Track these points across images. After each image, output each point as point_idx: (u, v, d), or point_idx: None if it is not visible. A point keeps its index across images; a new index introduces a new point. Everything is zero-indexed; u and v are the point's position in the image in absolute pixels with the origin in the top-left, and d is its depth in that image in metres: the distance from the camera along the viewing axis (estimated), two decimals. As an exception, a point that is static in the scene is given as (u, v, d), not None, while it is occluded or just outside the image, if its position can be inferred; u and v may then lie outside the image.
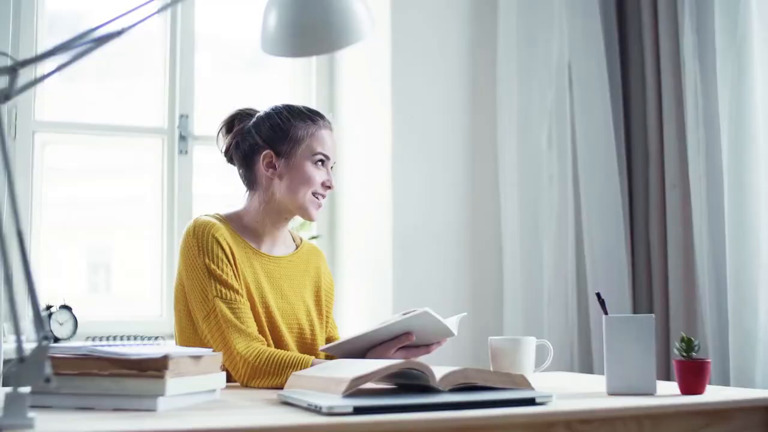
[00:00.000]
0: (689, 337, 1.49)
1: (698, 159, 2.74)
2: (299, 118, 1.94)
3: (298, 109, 1.96)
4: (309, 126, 1.93)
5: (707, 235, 2.69)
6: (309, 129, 1.92)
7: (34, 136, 2.96)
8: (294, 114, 1.94)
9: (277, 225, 1.95)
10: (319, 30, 1.40)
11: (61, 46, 1.14)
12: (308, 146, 1.91)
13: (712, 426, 1.41)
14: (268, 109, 1.96)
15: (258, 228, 1.93)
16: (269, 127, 1.93)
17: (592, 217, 2.99)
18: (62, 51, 1.14)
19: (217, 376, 1.47)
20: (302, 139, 1.91)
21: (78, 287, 3.20)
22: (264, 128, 1.93)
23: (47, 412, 1.26)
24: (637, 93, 3.10)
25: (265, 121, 1.94)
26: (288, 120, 1.92)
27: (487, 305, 3.10)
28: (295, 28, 1.41)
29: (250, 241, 1.92)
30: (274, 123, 1.93)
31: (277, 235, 1.97)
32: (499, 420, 1.26)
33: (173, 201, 3.11)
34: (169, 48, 3.17)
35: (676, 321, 2.81)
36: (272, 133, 1.92)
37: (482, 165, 3.18)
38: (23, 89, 1.13)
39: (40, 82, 1.10)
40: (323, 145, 1.93)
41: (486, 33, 3.21)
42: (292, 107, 1.96)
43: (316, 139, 1.92)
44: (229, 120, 2.00)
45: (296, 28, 1.40)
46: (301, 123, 1.93)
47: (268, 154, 1.91)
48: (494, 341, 1.73)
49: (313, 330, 1.96)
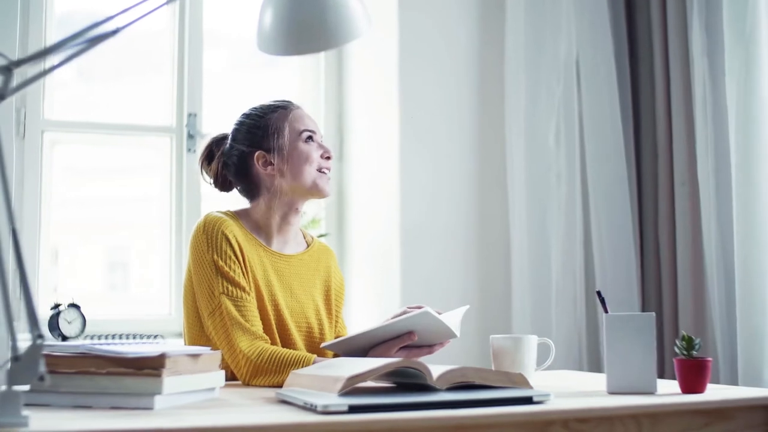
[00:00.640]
0: (689, 336, 1.48)
1: (707, 156, 2.72)
2: (269, 111, 1.96)
3: (264, 104, 1.99)
4: (281, 113, 1.95)
5: (716, 232, 2.68)
6: (283, 114, 1.95)
7: (43, 135, 2.98)
8: (264, 110, 1.97)
9: (287, 219, 1.94)
10: (316, 28, 1.40)
11: (56, 45, 1.15)
12: (291, 129, 1.93)
13: (712, 425, 1.40)
14: (237, 120, 1.99)
15: (268, 225, 1.94)
16: (246, 131, 1.95)
17: (601, 215, 2.98)
18: (56, 50, 1.14)
19: (216, 374, 1.47)
20: (282, 126, 1.93)
21: (87, 285, 3.22)
22: (242, 136, 1.95)
23: (44, 410, 1.27)
24: (645, 90, 3.08)
25: (240, 129, 1.96)
26: (260, 117, 1.95)
27: (495, 302, 3.10)
28: (291, 27, 1.41)
29: (261, 238, 1.93)
30: (250, 126, 1.95)
31: (288, 233, 1.97)
32: (495, 419, 1.26)
33: (181, 200, 3.12)
34: (177, 46, 3.18)
35: (685, 318, 2.79)
36: (252, 135, 1.93)
37: (490, 162, 3.17)
38: (18, 89, 1.13)
39: (31, 82, 1.10)
40: (303, 122, 1.95)
41: (493, 29, 3.20)
42: (257, 106, 1.99)
43: (294, 119, 1.95)
44: (206, 152, 2.02)
45: (292, 26, 1.40)
46: (273, 114, 1.95)
47: (260, 155, 1.92)
48: (496, 339, 1.73)
49: (322, 329, 1.96)
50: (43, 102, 2.98)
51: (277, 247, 1.94)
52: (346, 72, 3.39)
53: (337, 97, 3.39)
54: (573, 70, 3.04)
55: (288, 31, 1.42)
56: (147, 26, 3.35)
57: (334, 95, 3.39)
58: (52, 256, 3.08)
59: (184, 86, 3.16)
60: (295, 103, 2.01)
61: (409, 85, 3.11)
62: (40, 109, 2.97)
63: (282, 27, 1.42)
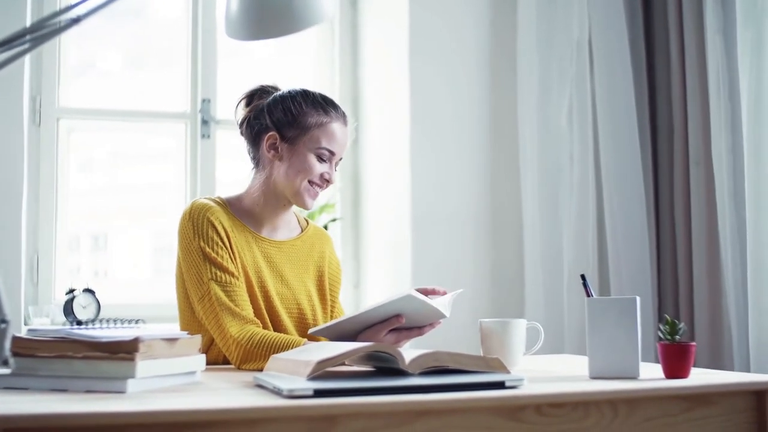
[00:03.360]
0: (673, 320, 1.45)
1: (721, 135, 2.67)
2: (313, 105, 1.90)
3: (314, 96, 1.92)
4: (321, 116, 1.89)
5: (730, 213, 2.63)
6: (320, 119, 1.89)
7: (58, 122, 3.02)
8: (308, 101, 1.90)
9: (276, 209, 1.93)
10: (282, 12, 1.39)
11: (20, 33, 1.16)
12: (314, 137, 1.87)
13: (692, 410, 1.37)
14: (285, 92, 1.93)
15: (258, 211, 1.93)
16: (282, 109, 1.90)
17: (614, 196, 2.94)
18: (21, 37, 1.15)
19: (195, 358, 1.48)
20: (310, 128, 1.88)
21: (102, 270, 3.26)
22: (276, 110, 1.90)
23: (21, 393, 1.29)
24: (661, 70, 3.03)
25: (279, 103, 1.91)
26: (301, 106, 1.89)
27: (508, 286, 3.08)
28: (256, 12, 1.40)
29: (250, 224, 1.92)
30: (286, 106, 1.90)
31: (278, 219, 1.96)
32: (463, 404, 1.24)
33: (196, 185, 3.14)
34: (191, 32, 3.20)
35: (701, 301, 2.75)
36: (283, 116, 1.89)
37: (502, 144, 3.15)
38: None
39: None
40: (330, 140, 1.88)
41: (506, 10, 3.17)
42: (308, 93, 1.92)
43: (325, 132, 1.88)
44: (249, 93, 1.98)
45: (258, 11, 1.40)
46: (313, 111, 1.89)
47: (272, 136, 1.89)
48: (484, 323, 1.71)
49: (315, 314, 1.96)
50: (59, 90, 3.02)
51: (267, 233, 1.94)
52: (360, 55, 3.38)
53: (352, 82, 3.39)
54: (586, 50, 3.00)
55: (254, 15, 1.41)
56: (162, 13, 3.37)
57: (349, 81, 3.38)
58: (73, 242, 3.13)
59: (198, 72, 3.18)
60: (342, 113, 1.93)
61: (419, 68, 3.10)
62: (55, 96, 3.01)
63: (248, 12, 1.42)
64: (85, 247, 3.27)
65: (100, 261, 3.34)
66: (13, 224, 2.75)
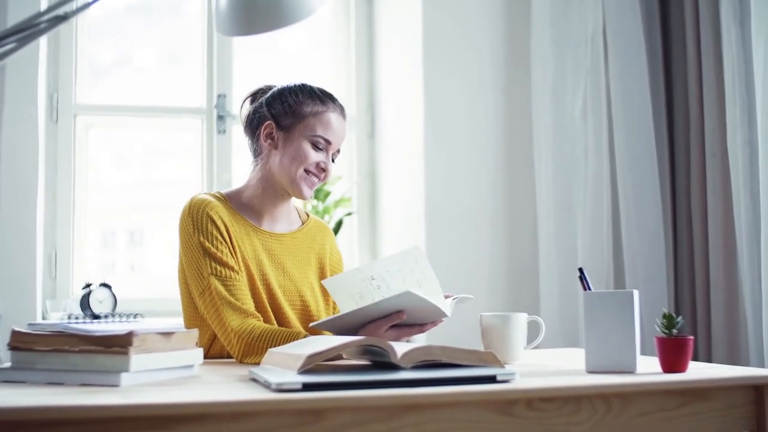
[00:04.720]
0: (670, 314, 1.44)
1: (736, 127, 2.63)
2: (309, 96, 1.92)
3: (311, 88, 1.95)
4: (317, 105, 1.91)
5: (745, 205, 2.59)
6: (316, 108, 1.91)
7: (75, 119, 3.05)
8: (305, 92, 1.93)
9: (274, 201, 1.94)
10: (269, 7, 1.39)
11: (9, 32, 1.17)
12: (310, 125, 1.89)
13: (689, 405, 1.36)
14: (283, 85, 1.96)
15: (257, 204, 1.94)
16: (279, 101, 1.92)
17: (628, 189, 2.91)
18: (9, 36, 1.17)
19: (192, 352, 1.49)
20: (306, 116, 1.90)
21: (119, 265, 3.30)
22: (275, 102, 1.93)
23: (19, 387, 1.30)
24: (677, 61, 2.99)
25: (277, 95, 1.94)
26: (297, 96, 1.92)
27: (522, 280, 3.07)
28: (244, 7, 1.41)
29: (250, 218, 1.93)
30: (284, 98, 1.92)
31: (277, 210, 1.96)
32: (453, 398, 1.24)
33: (212, 180, 3.16)
34: (206, 28, 3.21)
35: (717, 295, 2.72)
36: (280, 107, 1.91)
37: (516, 137, 3.13)
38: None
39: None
40: (326, 129, 1.90)
41: (519, 1, 3.15)
42: (305, 86, 1.95)
43: (321, 120, 1.90)
44: (253, 92, 2.01)
45: (246, 6, 1.40)
46: (309, 101, 1.91)
47: (269, 125, 1.91)
48: (484, 317, 1.71)
49: (318, 306, 1.96)
50: (76, 86, 3.06)
51: (267, 226, 1.95)
52: (376, 52, 3.37)
53: (368, 78, 3.38)
54: (600, 43, 2.97)
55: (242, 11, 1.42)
56: (176, 9, 3.39)
57: (365, 77, 3.38)
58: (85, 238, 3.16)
59: (214, 67, 3.20)
60: (339, 105, 1.95)
61: (434, 63, 3.09)
62: (72, 93, 3.04)
63: (236, 8, 1.42)
64: (108, 242, 3.31)
65: (120, 256, 3.37)
66: (29, 219, 2.78)
